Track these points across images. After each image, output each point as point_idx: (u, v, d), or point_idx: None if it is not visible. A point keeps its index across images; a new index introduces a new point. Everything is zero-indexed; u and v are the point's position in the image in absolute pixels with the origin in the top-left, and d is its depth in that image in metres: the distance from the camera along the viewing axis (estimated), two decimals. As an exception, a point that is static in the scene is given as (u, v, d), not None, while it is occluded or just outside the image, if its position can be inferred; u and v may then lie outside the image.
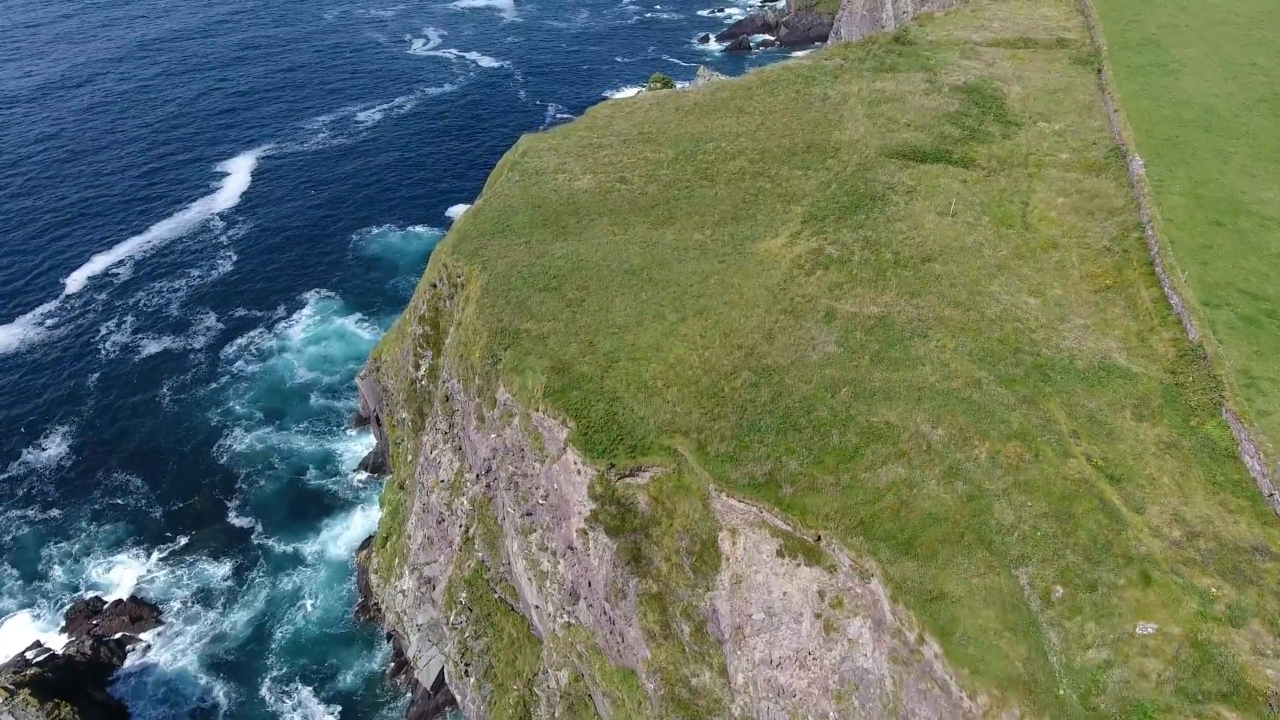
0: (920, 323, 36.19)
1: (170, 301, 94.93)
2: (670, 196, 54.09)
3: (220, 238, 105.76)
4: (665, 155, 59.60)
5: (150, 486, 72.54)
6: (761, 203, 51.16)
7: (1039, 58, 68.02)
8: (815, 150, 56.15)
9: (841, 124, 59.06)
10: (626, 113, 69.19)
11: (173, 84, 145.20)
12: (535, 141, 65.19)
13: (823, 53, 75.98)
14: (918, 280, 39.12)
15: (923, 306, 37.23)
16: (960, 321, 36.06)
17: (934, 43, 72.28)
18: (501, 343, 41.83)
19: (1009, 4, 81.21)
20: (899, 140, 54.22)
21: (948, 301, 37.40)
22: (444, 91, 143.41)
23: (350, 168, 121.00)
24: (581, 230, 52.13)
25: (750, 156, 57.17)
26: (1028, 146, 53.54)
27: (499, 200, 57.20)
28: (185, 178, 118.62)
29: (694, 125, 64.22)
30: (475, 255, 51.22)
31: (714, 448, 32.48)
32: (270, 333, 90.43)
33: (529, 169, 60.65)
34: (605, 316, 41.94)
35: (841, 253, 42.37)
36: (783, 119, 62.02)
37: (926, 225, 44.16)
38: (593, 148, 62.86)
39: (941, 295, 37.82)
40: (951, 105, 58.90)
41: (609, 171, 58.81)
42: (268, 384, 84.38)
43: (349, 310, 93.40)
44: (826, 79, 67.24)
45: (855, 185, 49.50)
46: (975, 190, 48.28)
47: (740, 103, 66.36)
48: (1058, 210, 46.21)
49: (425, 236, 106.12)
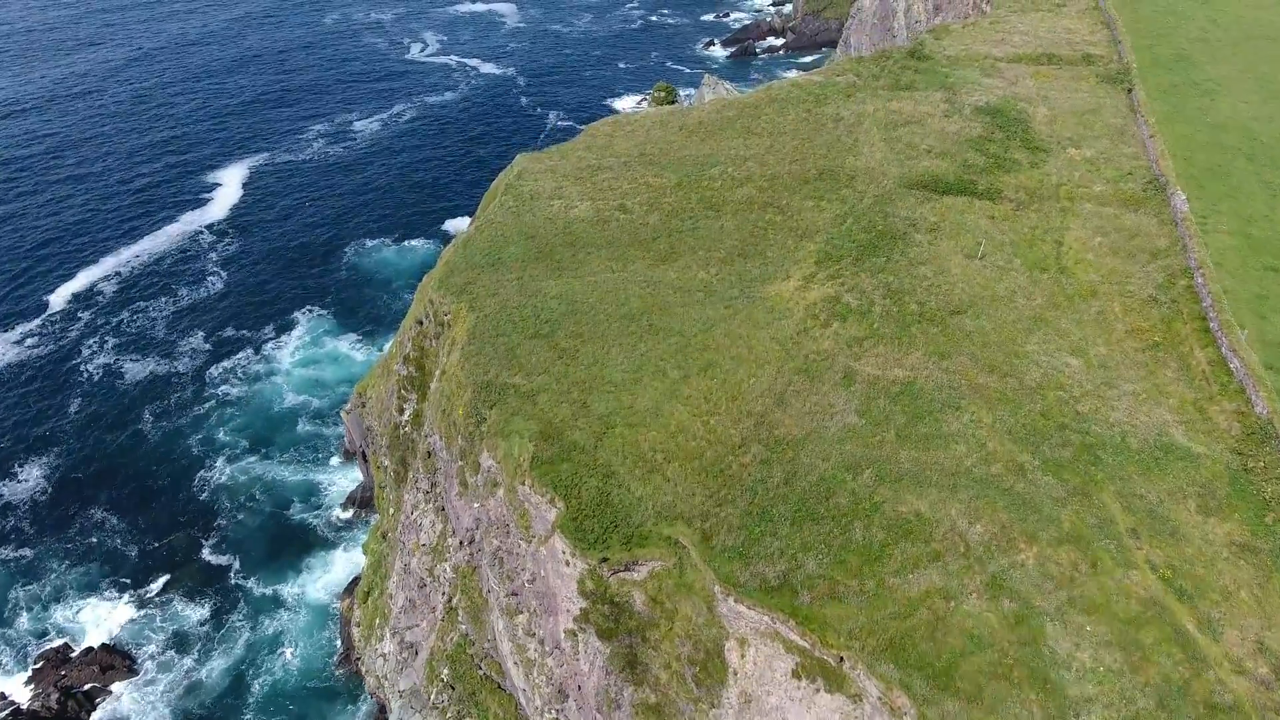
0: (951, 391, 32.11)
1: (156, 321, 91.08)
2: (673, 228, 50.06)
3: (209, 252, 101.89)
4: (668, 180, 55.55)
5: (127, 522, 68.70)
6: (771, 238, 47.10)
7: (1064, 75, 63.79)
8: (828, 178, 52.04)
9: (856, 148, 54.93)
10: (627, 131, 65.18)
11: (166, 91, 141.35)
12: (531, 162, 61.21)
13: (833, 67, 71.80)
14: (946, 338, 35.02)
15: (953, 370, 33.15)
16: (997, 390, 31.98)
17: (952, 58, 68.07)
18: (487, 400, 37.86)
19: (1029, 15, 76.95)
20: (919, 169, 50.08)
21: (981, 365, 33.32)
22: (443, 99, 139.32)
23: (345, 178, 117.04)
24: (577, 265, 48.13)
25: (758, 184, 53.10)
26: (1058, 176, 49.38)
27: (490, 229, 53.24)
28: (176, 188, 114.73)
29: (699, 147, 60.15)
30: (463, 291, 47.26)
31: (720, 539, 28.48)
32: (258, 354, 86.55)
33: (524, 193, 56.70)
34: (601, 371, 37.95)
35: (860, 302, 38.30)
36: (793, 142, 57.91)
37: (953, 270, 40.04)
38: (591, 170, 58.86)
39: (974, 357, 33.74)
40: (974, 129, 54.72)
41: (608, 198, 54.79)
42: (254, 409, 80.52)
43: (341, 330, 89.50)
44: (839, 97, 63.09)
45: (873, 221, 45.40)
46: (1004, 228, 44.15)
47: (747, 122, 62.26)
48: (1095, 251, 42.08)
49: (421, 250, 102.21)
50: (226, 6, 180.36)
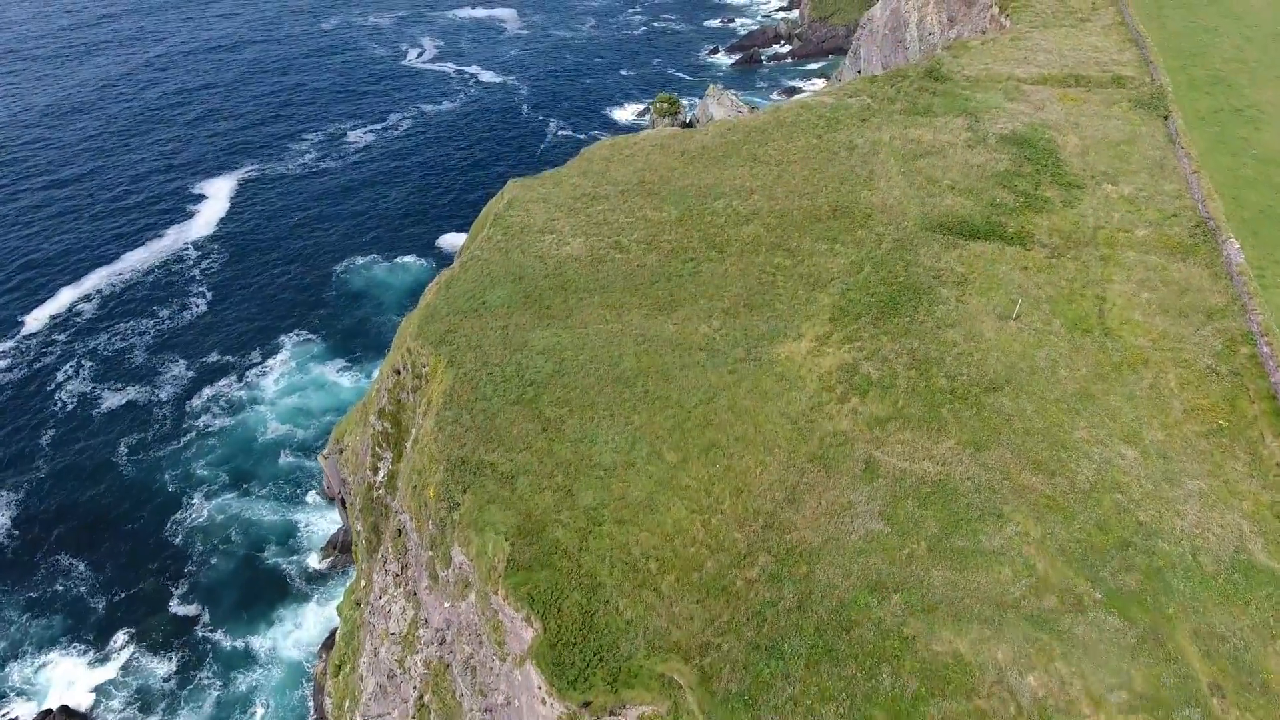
0: (991, 493, 27.55)
1: (135, 344, 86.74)
2: (672, 271, 45.49)
3: (193, 270, 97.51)
4: (668, 215, 50.98)
5: (94, 569, 64.38)
6: (780, 286, 42.50)
7: (1094, 100, 59.03)
8: (842, 215, 47.41)
9: (872, 181, 50.29)
10: (626, 155, 60.55)
11: (155, 99, 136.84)
12: (522, 190, 56.66)
13: (845, 87, 67.08)
14: (982, 423, 30.44)
15: (992, 466, 28.58)
16: (1045, 494, 27.40)
17: (972, 79, 63.34)
18: (460, 481, 33.38)
19: (1052, 31, 72.15)
20: (942, 209, 45.45)
21: (1024, 459, 28.74)
22: (441, 108, 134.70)
23: (336, 191, 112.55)
24: (568, 313, 43.59)
25: (766, 220, 48.49)
26: (1095, 217, 44.70)
27: (476, 266, 48.71)
28: (162, 201, 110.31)
29: (701, 175, 55.53)
30: (443, 341, 42.79)
31: (723, 681, 23.99)
32: (242, 382, 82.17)
33: (513, 225, 52.21)
34: (588, 449, 33.44)
35: (882, 373, 33.71)
36: (802, 172, 53.29)
37: (985, 334, 35.44)
38: (586, 200, 54.30)
39: (1015, 448, 29.15)
40: (1000, 161, 50.04)
41: (603, 233, 50.22)
42: (235, 441, 76.17)
43: (328, 355, 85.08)
44: (852, 122, 58.43)
45: (893, 270, 40.78)
46: (1039, 280, 39.50)
47: (753, 148, 57.62)
48: (1142, 310, 37.45)
49: (413, 268, 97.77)
50: (226, 16, 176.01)
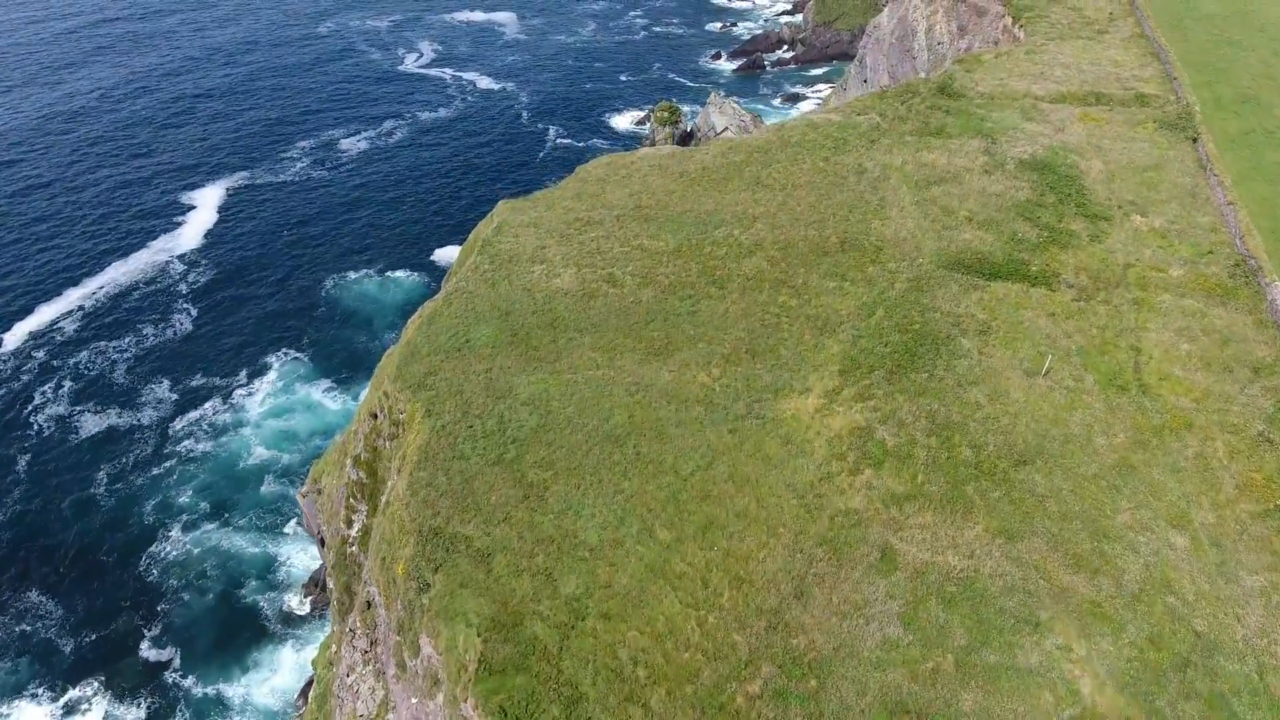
0: (1027, 595, 24.13)
1: (117, 364, 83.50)
2: (669, 309, 42.06)
3: (179, 284, 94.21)
4: (665, 244, 47.54)
5: (66, 608, 61.13)
6: (785, 329, 39.06)
7: (1117, 120, 55.49)
8: (852, 248, 43.95)
9: (883, 210, 46.82)
10: (622, 176, 57.08)
11: (143, 104, 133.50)
12: (512, 213, 53.22)
13: (853, 104, 63.55)
14: (1013, 505, 27.00)
15: (1026, 560, 25.16)
16: (1088, 598, 23.98)
17: (987, 96, 59.83)
18: (432, 558, 30.01)
19: (1069, 44, 68.57)
20: (960, 243, 41.96)
21: (1064, 552, 25.31)
22: (437, 115, 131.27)
23: (327, 202, 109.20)
24: (556, 355, 40.20)
25: (769, 253, 45.03)
26: (1124, 254, 41.21)
27: (460, 300, 45.27)
28: (148, 212, 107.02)
29: (701, 199, 52.09)
30: (422, 385, 39.43)
31: (719, 828, 20.66)
32: (226, 403, 78.88)
33: (501, 253, 48.81)
34: (573, 524, 30.06)
35: (898, 440, 30.28)
36: (809, 198, 49.83)
37: (1012, 393, 31.99)
38: (579, 225, 50.86)
39: (1052, 538, 25.71)
40: (1020, 189, 46.54)
41: (596, 264, 46.77)
42: (217, 467, 72.92)
43: (316, 375, 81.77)
44: (860, 143, 54.96)
45: (908, 315, 37.31)
46: (1067, 327, 36.02)
47: (757, 170, 54.17)
48: (1182, 363, 33.99)
49: (405, 283, 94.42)
50: (219, 19, 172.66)
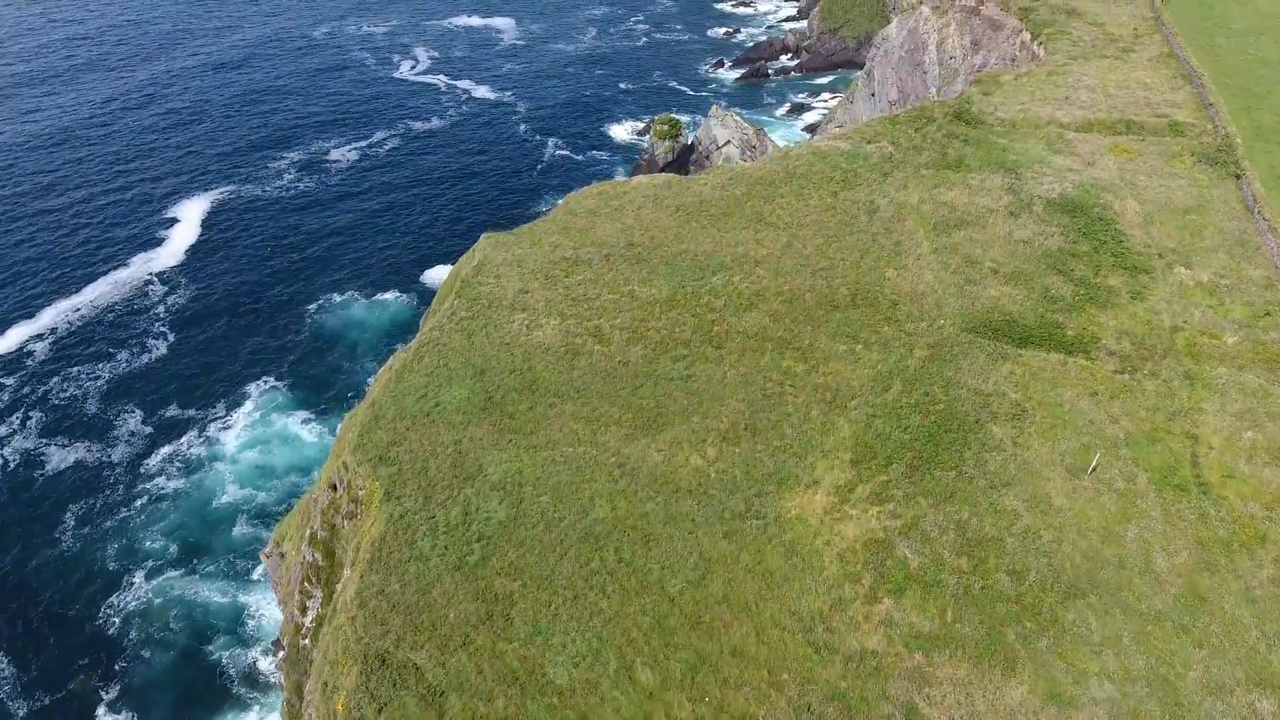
0: (1088, 790, 19.59)
1: (89, 392, 79.07)
2: (660, 372, 37.47)
3: (157, 306, 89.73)
4: (657, 291, 42.93)
5: (19, 666, 56.67)
6: (789, 401, 34.44)
7: (1151, 152, 50.77)
8: (864, 303, 39.29)
9: (899, 258, 42.15)
10: (614, 208, 52.48)
11: (128, 112, 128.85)
12: (495, 249, 48.65)
13: (863, 129, 58.81)
14: (1063, 659, 22.38)
15: (1085, 738, 20.61)
16: (1164, 798, 19.44)
17: (1008, 122, 55.13)
18: (376, 694, 25.49)
19: (1093, 64, 63.80)
20: (985, 302, 37.28)
21: (1130, 729, 20.75)
22: (430, 126, 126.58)
23: (315, 217, 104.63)
24: (534, 426, 35.67)
25: (772, 305, 40.40)
26: (1170, 314, 36.53)
27: (434, 353, 40.72)
28: (129, 227, 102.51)
29: (698, 237, 47.50)
30: (384, 460, 34.99)
31: None
32: (202, 436, 74.38)
33: (481, 296, 44.30)
34: (540, 656, 25.51)
35: (923, 559, 25.67)
36: (816, 240, 45.20)
37: (1054, 499, 27.34)
38: (566, 265, 46.27)
39: (1112, 709, 21.10)
40: (1050, 235, 41.82)
41: (581, 314, 42.18)
42: (189, 507, 68.45)
43: (295, 405, 77.25)
44: (872, 176, 50.29)
45: (930, 391, 32.67)
46: (1112, 409, 31.37)
47: (759, 205, 49.56)
48: (1247, 457, 29.32)
49: (393, 306, 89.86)
50: (216, 29, 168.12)
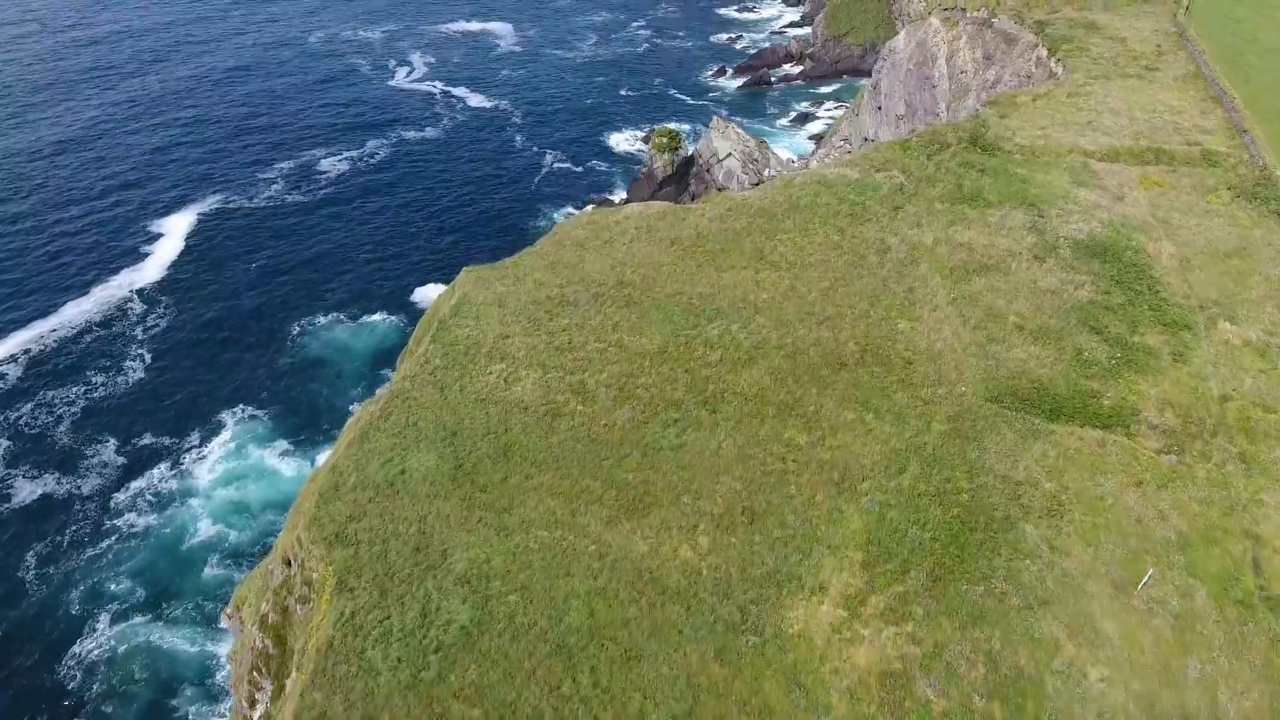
0: None
1: (62, 420, 75.25)
2: (649, 440, 33.52)
3: (135, 328, 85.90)
4: (648, 341, 38.97)
5: (-33, 724, 53.18)
6: (792, 481, 30.47)
7: (1183, 185, 46.70)
8: (875, 361, 35.32)
9: (912, 307, 38.14)
10: (604, 241, 48.54)
11: (116, 123, 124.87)
12: (477, 286, 44.71)
13: (871, 154, 54.73)
14: None
15: None
16: None
17: (1027, 149, 51.07)
18: None
19: (1116, 85, 59.65)
20: (1012, 364, 33.25)
21: None
22: (424, 135, 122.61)
23: (302, 231, 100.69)
24: (507, 503, 31.77)
25: (773, 361, 36.42)
26: (1218, 381, 32.49)
27: (403, 409, 36.82)
28: (112, 242, 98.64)
29: (694, 277, 43.54)
30: (340, 539, 31.20)
31: None
32: (175, 469, 70.53)
33: (458, 342, 40.43)
34: (499, 812, 21.70)
35: (948, 700, 21.68)
36: (822, 283, 41.22)
37: (1101, 624, 23.34)
38: (551, 306, 42.36)
39: None
40: (1080, 284, 37.77)
41: (565, 366, 38.23)
42: (159, 546, 64.63)
43: (273, 436, 73.35)
44: (882, 210, 46.27)
45: (952, 477, 28.66)
46: (1160, 503, 27.37)
47: (760, 241, 45.59)
48: (1319, 563, 25.37)
49: (380, 329, 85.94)
50: (208, 35, 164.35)
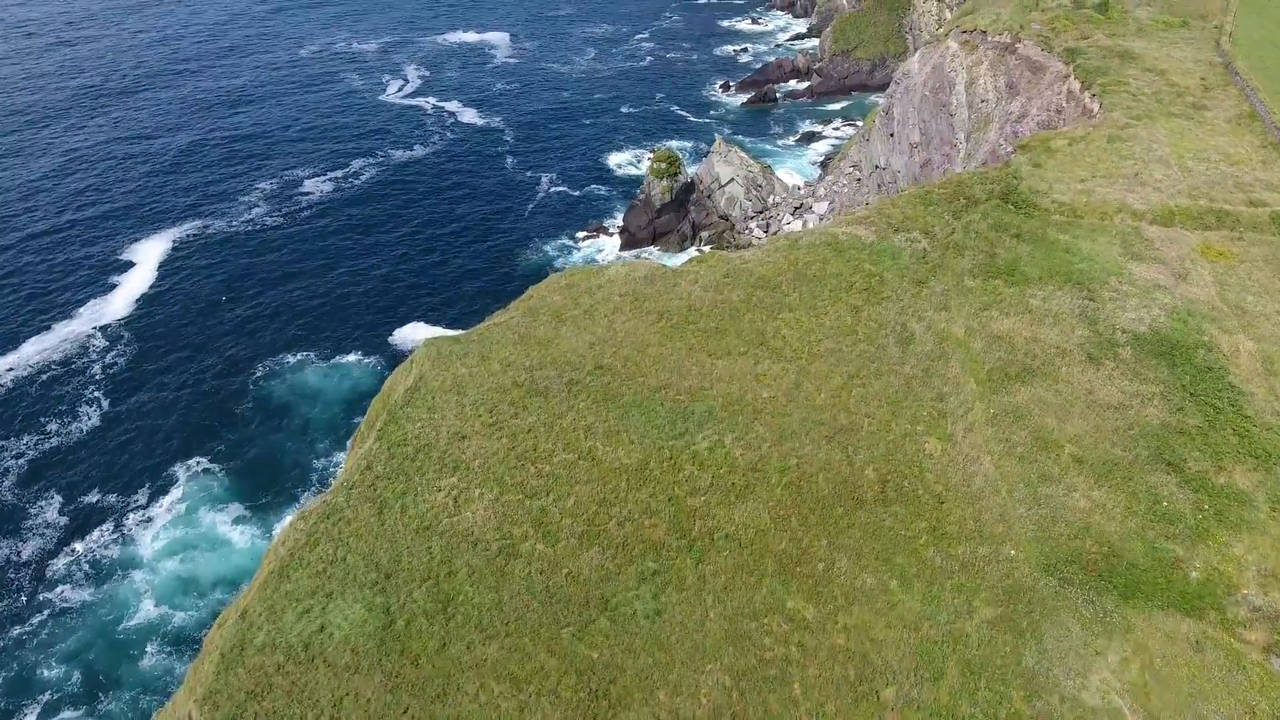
0: None
1: (8, 473, 68.83)
2: (619, 600, 26.80)
3: (95, 366, 79.52)
4: (626, 455, 32.28)
5: None
6: (795, 683, 23.65)
7: (1254, 256, 39.72)
8: (898, 497, 28.50)
9: (942, 421, 31.32)
10: (584, 310, 41.88)
11: (96, 140, 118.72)
12: (436, 365, 38.14)
13: (889, 210, 47.78)
14: None
15: None
16: None
17: (1068, 208, 44.16)
18: None
19: (1160, 126, 52.63)
20: (1072, 517, 26.35)
21: None
22: (412, 154, 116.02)
23: (278, 260, 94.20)
24: (440, 687, 25.17)
25: (775, 492, 29.64)
26: (1333, 542, 25.65)
27: (331, 538, 30.20)
28: (82, 272, 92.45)
29: (683, 364, 36.82)
30: (231, 727, 24.59)
31: None
32: (119, 532, 64.08)
33: (408, 440, 34.02)
34: None
35: None
36: (833, 379, 34.45)
37: None
38: (517, 396, 35.77)
39: None
40: (1147, 400, 30.82)
41: (526, 484, 31.54)
42: (97, 625, 58.15)
43: (227, 497, 66.71)
44: (902, 284, 39.46)
45: (1004, 694, 21.80)
46: (1284, 742, 20.63)
47: (760, 320, 38.84)
48: None
49: (354, 372, 79.39)
50: (196, 48, 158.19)
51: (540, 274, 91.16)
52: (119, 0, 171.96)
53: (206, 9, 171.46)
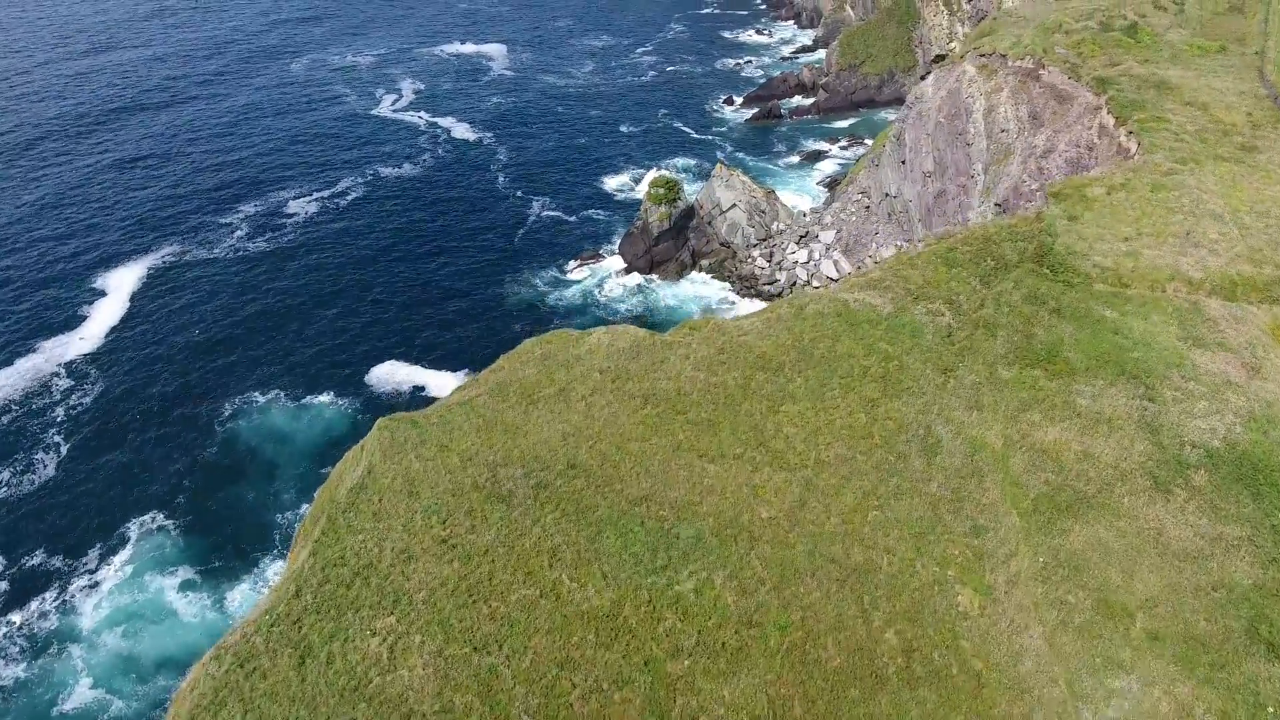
0: None
1: (-51, 528, 63.37)
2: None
3: (57, 407, 73.86)
4: (596, 597, 26.82)
5: None
6: None
7: (1336, 343, 33.82)
8: (927, 675, 22.69)
9: (978, 565, 25.46)
10: (559, 388, 36.21)
11: (78, 160, 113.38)
12: (389, 456, 32.64)
13: (905, 268, 41.83)
14: None
15: None
16: None
17: (1112, 274, 38.21)
18: None
19: (1209, 171, 46.62)
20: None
21: None
22: (401, 174, 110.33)
23: (255, 288, 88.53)
24: None
25: (774, 662, 23.88)
26: None
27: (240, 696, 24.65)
28: (49, 303, 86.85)
29: (669, 468, 31.12)
30: None
31: None
32: (60, 599, 58.29)
33: (346, 557, 28.91)
34: None
35: None
36: (845, 497, 28.66)
37: None
38: (475, 502, 30.34)
39: None
40: (1231, 547, 24.85)
41: (473, 634, 25.99)
42: (28, 708, 52.22)
43: (179, 558, 60.70)
44: (925, 372, 33.60)
45: None
46: None
47: (760, 411, 33.09)
48: None
49: (326, 414, 73.55)
50: (186, 63, 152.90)
51: (529, 311, 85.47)
52: (109, 15, 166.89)
53: (205, 24, 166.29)
